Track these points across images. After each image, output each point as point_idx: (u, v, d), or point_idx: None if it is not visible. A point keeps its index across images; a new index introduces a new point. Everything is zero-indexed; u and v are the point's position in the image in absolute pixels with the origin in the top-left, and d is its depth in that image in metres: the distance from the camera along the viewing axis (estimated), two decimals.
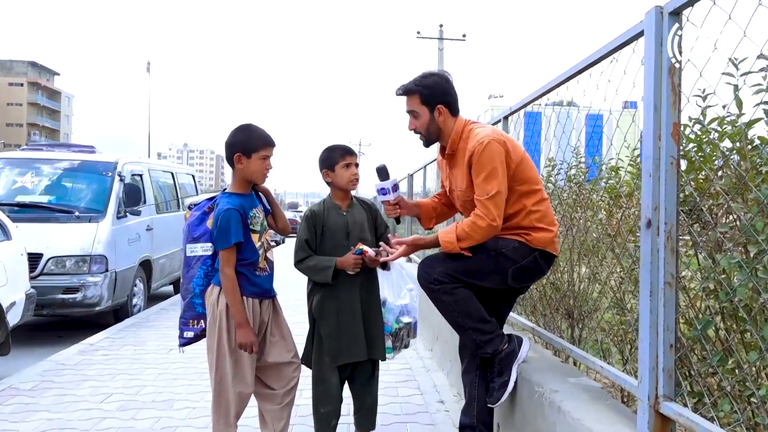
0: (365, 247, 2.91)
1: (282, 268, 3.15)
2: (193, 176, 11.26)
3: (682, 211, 1.91)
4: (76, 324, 7.36)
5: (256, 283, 2.76)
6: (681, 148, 1.82)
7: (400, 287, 3.09)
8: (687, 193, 1.98)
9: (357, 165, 3.07)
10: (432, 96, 2.68)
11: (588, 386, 2.46)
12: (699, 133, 2.10)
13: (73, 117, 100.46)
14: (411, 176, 8.73)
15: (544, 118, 3.53)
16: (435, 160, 7.43)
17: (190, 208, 3.05)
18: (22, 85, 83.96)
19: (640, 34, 1.93)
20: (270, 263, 2.86)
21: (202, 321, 2.87)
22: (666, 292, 1.78)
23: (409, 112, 2.76)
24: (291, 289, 8.03)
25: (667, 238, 1.77)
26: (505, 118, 3.53)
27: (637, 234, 2.33)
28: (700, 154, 1.98)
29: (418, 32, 26.07)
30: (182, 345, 2.94)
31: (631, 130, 3.01)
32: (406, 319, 3.11)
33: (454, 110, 2.72)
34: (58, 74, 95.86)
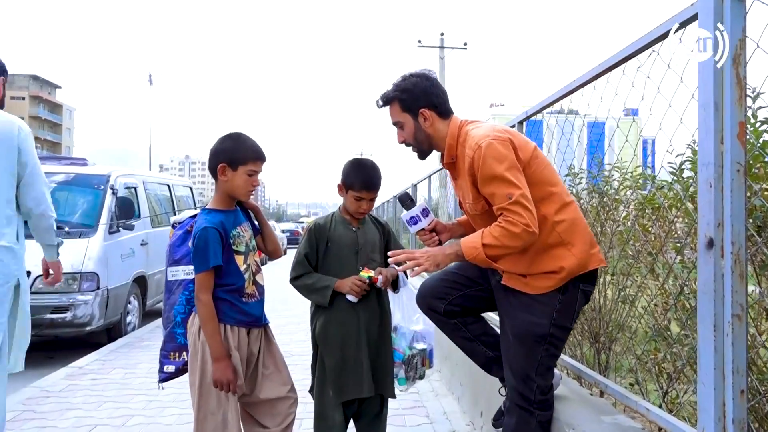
0: (373, 273, 2.60)
1: (283, 281, 2.85)
2: (191, 188, 10.98)
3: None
4: (67, 343, 7.03)
5: (243, 311, 2.45)
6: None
7: (413, 310, 2.78)
8: (754, 205, 1.67)
9: (372, 200, 2.74)
10: (413, 100, 2.30)
11: (627, 427, 2.14)
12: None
13: (74, 130, 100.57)
14: (415, 186, 8.44)
15: (545, 126, 3.25)
16: (438, 171, 7.14)
17: (174, 226, 2.78)
18: (23, 98, 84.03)
19: (692, 18, 1.64)
20: (260, 288, 2.55)
21: (184, 353, 2.57)
22: (735, 327, 1.46)
23: (394, 124, 2.38)
24: (293, 303, 7.72)
25: (735, 261, 1.47)
26: (520, 123, 3.23)
27: (687, 254, 2.03)
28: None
29: (419, 41, 25.94)
30: (162, 380, 2.63)
31: (632, 139, 2.71)
32: (420, 346, 2.79)
33: (442, 112, 2.31)
34: (60, 87, 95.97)
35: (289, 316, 8.05)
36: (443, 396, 4.52)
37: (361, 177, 2.70)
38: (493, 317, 3.08)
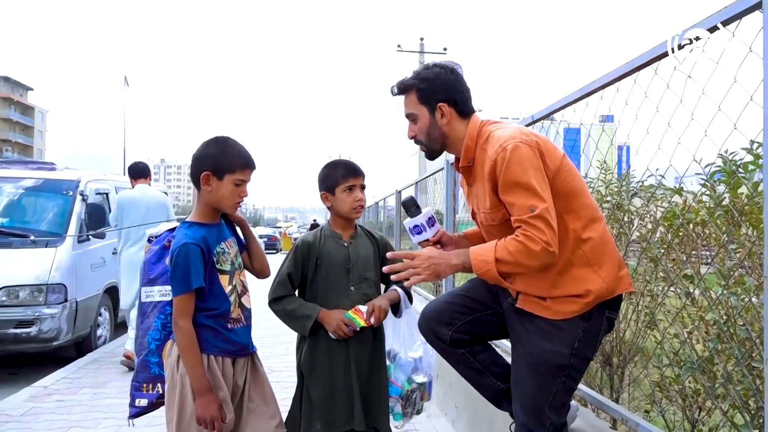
0: (363, 310, 2.35)
1: (262, 289, 2.58)
2: (166, 193, 10.57)
3: None
4: (33, 358, 6.62)
5: (228, 339, 2.17)
6: None
7: (412, 337, 2.50)
8: None
9: (363, 187, 2.49)
10: (431, 91, 2.06)
11: None
12: None
13: (47, 133, 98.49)
14: (399, 193, 8.19)
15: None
16: (428, 176, 6.89)
17: (150, 240, 2.48)
18: None
19: (755, 6, 1.42)
20: (246, 312, 2.28)
21: (159, 385, 2.29)
22: None
23: (407, 116, 2.14)
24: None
25: None
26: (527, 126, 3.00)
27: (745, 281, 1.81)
28: None
29: (399, 46, 25.90)
30: (132, 416, 2.34)
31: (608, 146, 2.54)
32: (419, 379, 2.48)
33: (463, 110, 2.08)
34: (32, 89, 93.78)
35: (268, 327, 7.65)
36: (436, 417, 4.26)
37: (342, 166, 2.51)
38: (502, 344, 2.84)
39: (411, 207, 2.24)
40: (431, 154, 2.18)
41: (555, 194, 1.86)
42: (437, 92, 2.06)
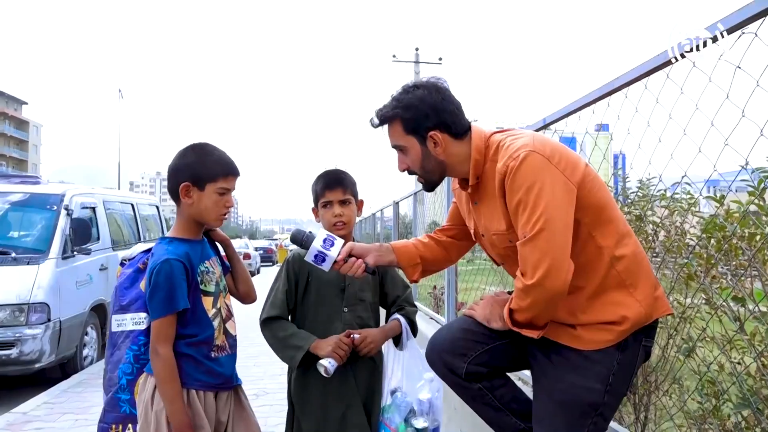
0: (356, 336, 2.11)
1: (254, 304, 2.33)
2: (158, 207, 10.33)
3: None
4: (16, 380, 6.30)
5: (211, 370, 1.93)
6: None
7: (417, 374, 2.22)
8: None
9: (344, 202, 2.23)
10: (418, 120, 1.78)
11: None
12: None
13: (41, 147, 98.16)
14: (397, 204, 7.91)
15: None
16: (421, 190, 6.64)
17: (122, 264, 2.22)
18: None
19: None
20: (231, 339, 2.03)
21: (130, 426, 2.01)
22: None
23: (394, 147, 1.88)
24: None
25: None
26: (536, 132, 2.76)
27: None
28: None
29: (394, 56, 25.85)
30: None
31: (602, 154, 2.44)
32: (420, 423, 2.15)
33: (456, 131, 1.80)
34: (26, 103, 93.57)
35: (262, 344, 7.40)
36: None
37: (321, 179, 2.28)
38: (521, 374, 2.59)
39: (300, 239, 2.00)
40: (430, 186, 1.93)
41: (581, 208, 1.63)
42: (425, 120, 1.78)
